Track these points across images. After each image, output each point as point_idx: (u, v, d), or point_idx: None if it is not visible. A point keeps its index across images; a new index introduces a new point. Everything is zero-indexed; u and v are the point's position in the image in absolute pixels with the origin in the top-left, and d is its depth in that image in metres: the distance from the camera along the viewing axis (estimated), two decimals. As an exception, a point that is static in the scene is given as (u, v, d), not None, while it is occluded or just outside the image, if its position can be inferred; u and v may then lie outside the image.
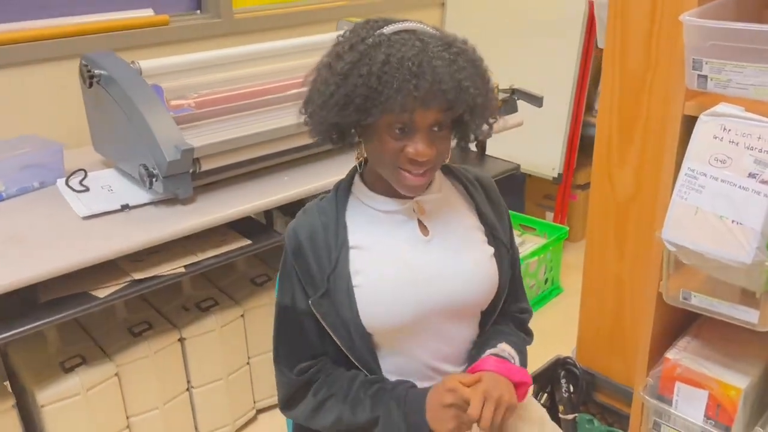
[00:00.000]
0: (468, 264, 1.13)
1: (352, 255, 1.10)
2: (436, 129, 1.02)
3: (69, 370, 1.65)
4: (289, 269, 1.12)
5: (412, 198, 1.12)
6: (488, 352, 1.14)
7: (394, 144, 1.01)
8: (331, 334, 1.10)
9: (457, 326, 1.15)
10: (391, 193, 1.11)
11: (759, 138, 1.07)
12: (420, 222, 1.13)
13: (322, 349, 1.14)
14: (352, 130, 1.07)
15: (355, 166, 1.16)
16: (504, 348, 1.15)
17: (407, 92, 0.95)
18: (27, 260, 1.47)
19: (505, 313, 1.22)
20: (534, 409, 1.24)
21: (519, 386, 1.09)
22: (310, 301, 1.10)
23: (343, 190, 1.15)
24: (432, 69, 0.95)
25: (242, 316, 1.95)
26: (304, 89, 1.09)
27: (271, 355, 1.18)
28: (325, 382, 1.13)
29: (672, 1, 1.38)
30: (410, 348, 1.12)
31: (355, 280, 1.08)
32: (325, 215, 1.12)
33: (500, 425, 1.04)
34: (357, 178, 1.16)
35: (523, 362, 1.20)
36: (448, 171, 1.21)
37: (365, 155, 1.12)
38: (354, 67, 0.98)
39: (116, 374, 1.72)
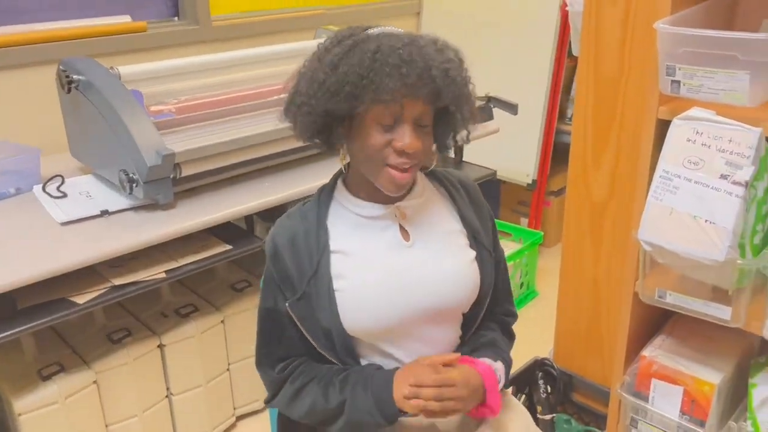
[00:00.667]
0: (449, 268, 1.14)
1: (334, 259, 1.11)
2: (420, 124, 1.04)
3: (47, 378, 1.63)
4: (269, 273, 1.14)
5: (393, 203, 1.13)
6: (487, 361, 1.15)
7: (380, 138, 1.03)
8: (308, 336, 1.11)
9: (438, 329, 1.16)
10: (374, 198, 1.12)
11: (730, 141, 1.11)
12: (401, 227, 1.14)
13: (304, 349, 1.15)
14: (339, 129, 1.08)
15: (339, 171, 1.18)
16: (499, 368, 1.16)
17: (398, 77, 0.97)
18: (4, 266, 1.45)
19: (491, 315, 1.24)
20: (518, 419, 1.24)
21: (484, 407, 1.11)
22: (287, 304, 1.11)
23: (325, 195, 1.16)
24: (422, 56, 0.99)
25: (222, 322, 1.95)
26: (285, 95, 1.10)
27: (251, 361, 1.20)
28: (303, 371, 1.14)
29: (644, 9, 1.43)
30: (391, 351, 1.13)
31: (337, 284, 1.09)
32: (307, 220, 1.13)
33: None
34: (340, 183, 1.17)
35: (506, 382, 1.22)
36: (431, 174, 1.22)
37: (348, 160, 1.13)
38: (344, 56, 1.00)
39: (95, 382, 1.70)
